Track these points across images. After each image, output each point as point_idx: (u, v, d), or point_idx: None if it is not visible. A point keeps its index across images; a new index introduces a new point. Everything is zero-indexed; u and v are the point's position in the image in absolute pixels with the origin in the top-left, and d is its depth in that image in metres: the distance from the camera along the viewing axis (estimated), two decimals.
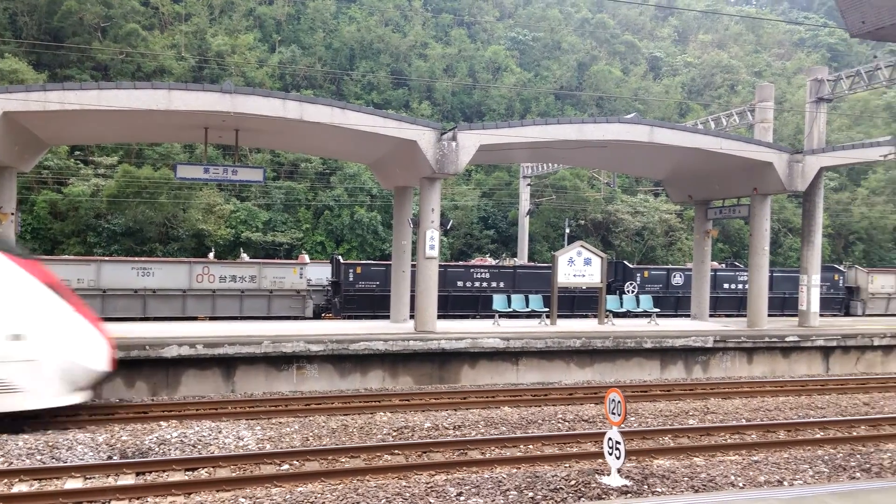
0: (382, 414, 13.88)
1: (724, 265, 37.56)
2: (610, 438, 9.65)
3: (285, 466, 10.50)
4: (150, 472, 10.15)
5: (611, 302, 24.42)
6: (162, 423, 12.75)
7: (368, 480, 9.88)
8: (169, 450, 11.15)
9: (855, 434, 13.20)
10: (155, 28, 51.76)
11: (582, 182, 49.85)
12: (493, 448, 11.69)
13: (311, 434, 12.24)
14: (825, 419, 14.25)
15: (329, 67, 55.77)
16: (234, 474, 10.11)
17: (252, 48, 53.89)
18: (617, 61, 68.33)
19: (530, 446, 11.91)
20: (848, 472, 10.48)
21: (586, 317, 27.04)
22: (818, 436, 13.07)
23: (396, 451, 11.25)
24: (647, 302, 25.27)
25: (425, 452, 11.32)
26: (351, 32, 58.86)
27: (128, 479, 9.88)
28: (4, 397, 11.84)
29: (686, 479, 9.86)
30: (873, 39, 7.14)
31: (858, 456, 11.34)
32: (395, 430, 12.60)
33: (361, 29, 59.41)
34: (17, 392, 12.00)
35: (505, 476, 9.79)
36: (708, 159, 23.09)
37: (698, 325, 24.03)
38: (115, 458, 10.79)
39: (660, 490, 9.36)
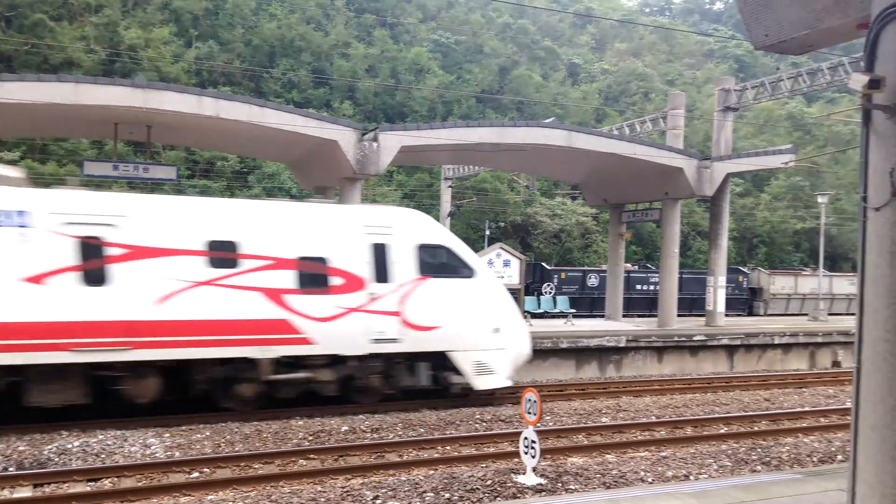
0: (298, 419, 13.64)
1: (636, 267, 38.75)
2: (526, 438, 9.77)
3: (195, 474, 10.16)
4: (50, 484, 9.64)
5: (529, 303, 24.83)
6: (63, 431, 12.14)
7: (282, 486, 9.67)
8: (70, 460, 10.62)
9: (756, 429, 13.81)
10: (64, 19, 49.37)
11: (502, 185, 50.51)
12: (410, 450, 11.65)
13: (223, 440, 11.90)
14: (729, 415, 14.86)
15: (248, 64, 54.57)
16: (140, 484, 9.72)
17: (167, 42, 52.15)
18: (537, 66, 69.60)
19: (448, 447, 11.93)
20: (750, 466, 10.95)
21: None
22: (723, 431, 13.61)
23: (312, 456, 11.07)
24: (563, 303, 25.82)
25: (341, 456, 11.19)
26: (271, 29, 57.78)
27: (25, 492, 9.35)
28: (486, 378, 15.07)
29: (598, 475, 10.08)
30: (776, 52, 7.48)
31: (759, 450, 11.87)
32: (311, 435, 12.40)
33: (282, 26, 58.41)
34: (493, 374, 15.11)
35: (422, 478, 9.77)
36: (623, 164, 23.78)
37: (612, 326, 24.70)
38: (10, 469, 10.19)
39: (573, 487, 9.53)
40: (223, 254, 13.39)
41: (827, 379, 20.21)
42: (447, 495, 9.10)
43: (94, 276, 12.47)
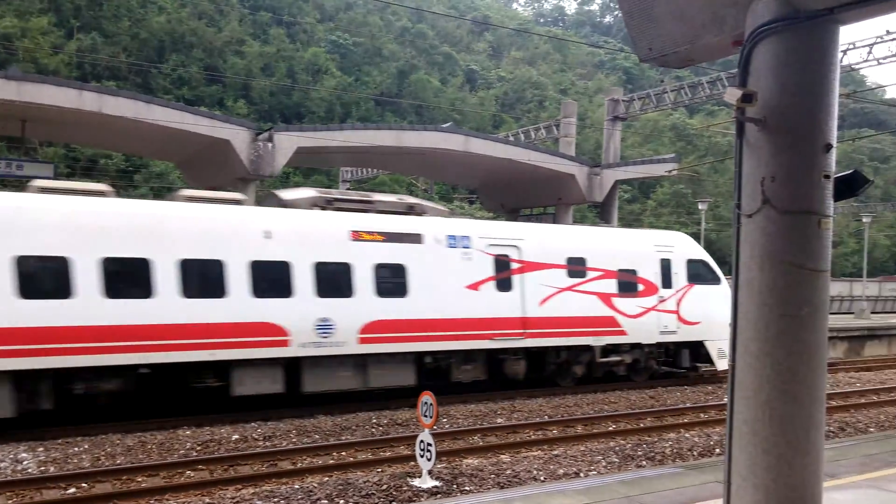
0: (186, 429, 13.10)
1: None
2: (422, 441, 9.77)
3: (72, 490, 9.56)
4: None
5: None
6: None
7: (168, 500, 9.26)
8: None
9: (642, 426, 14.39)
10: None
11: (401, 188, 50.58)
12: (304, 457, 11.42)
13: (103, 453, 11.27)
14: (617, 413, 15.42)
15: (135, 59, 52.12)
16: (10, 502, 9.05)
17: (45, 33, 49.06)
18: (436, 71, 70.17)
19: (343, 453, 11.78)
20: (636, 461, 11.40)
21: None
22: (611, 428, 14.08)
23: (200, 467, 10.66)
24: None
25: (232, 466, 10.83)
26: (160, 23, 55.46)
27: None
28: (722, 361, 18.66)
29: (493, 476, 10.21)
30: (659, 65, 7.83)
31: (645, 446, 12.37)
32: (199, 445, 11.94)
33: (172, 20, 56.19)
34: (725, 358, 16.42)
35: (316, 485, 9.59)
36: (518, 170, 24.32)
37: None
38: None
39: (468, 489, 9.61)
40: (576, 267, 17.73)
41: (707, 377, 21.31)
42: (342, 501, 8.98)
43: (504, 284, 16.58)
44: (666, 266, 19.06)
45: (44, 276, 12.42)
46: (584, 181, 24.73)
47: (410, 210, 16.94)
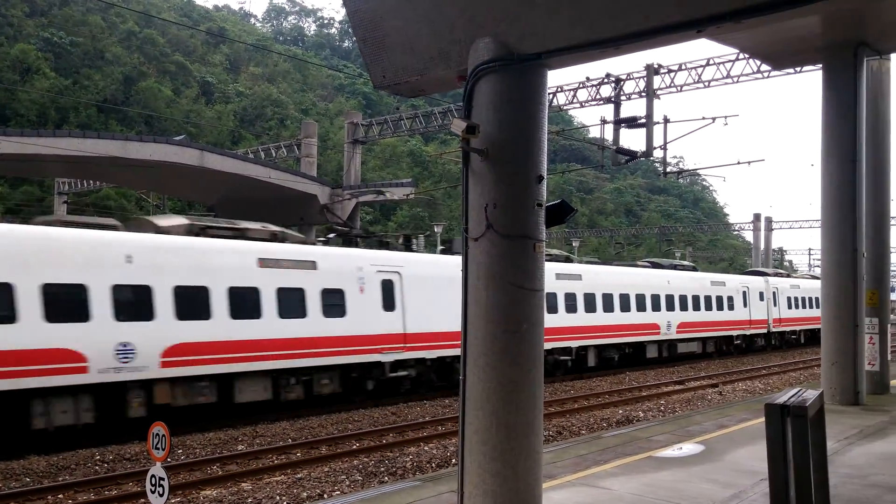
0: None
1: None
2: (153, 476, 9.04)
3: None
4: None
5: None
6: None
7: None
8: None
9: (385, 442, 14.74)
10: None
11: (129, 203, 46.76)
12: None
13: None
14: (361, 431, 15.64)
15: None
16: None
17: None
18: (167, 80, 66.13)
19: (61, 496, 10.54)
20: (378, 478, 11.63)
21: None
22: (355, 447, 14.23)
23: None
24: None
25: None
26: None
27: None
28: None
29: None
30: (393, 93, 8.19)
31: (387, 461, 12.68)
32: None
33: None
34: None
35: None
36: (259, 188, 23.77)
37: None
38: None
39: None
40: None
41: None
42: None
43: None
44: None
45: None
46: (325, 202, 24.90)
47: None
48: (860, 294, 13.88)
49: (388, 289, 19.09)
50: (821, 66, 14.50)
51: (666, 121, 16.66)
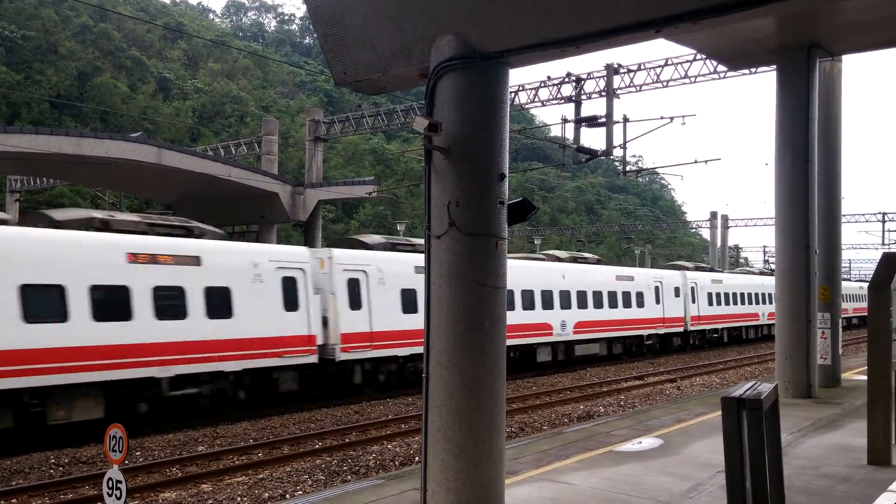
0: None
1: None
2: (110, 478, 8.86)
3: None
4: None
5: None
6: None
7: None
8: None
9: (347, 440, 14.68)
10: None
11: (84, 201, 45.72)
12: None
13: None
14: (323, 430, 15.54)
15: None
16: None
17: None
18: (123, 76, 64.77)
19: (14, 501, 10.27)
20: (341, 477, 11.58)
21: None
22: (318, 446, 14.14)
23: None
24: None
25: None
26: None
27: None
28: None
29: None
30: (355, 90, 8.16)
31: (350, 460, 12.63)
32: None
33: None
34: None
35: None
36: (219, 186, 23.43)
37: None
38: None
39: None
40: None
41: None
42: None
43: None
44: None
45: None
46: (287, 200, 24.65)
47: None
48: (813, 290, 14.24)
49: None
50: (775, 67, 14.84)
51: (625, 120, 16.81)
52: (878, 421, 8.43)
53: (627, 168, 22.60)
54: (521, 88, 27.37)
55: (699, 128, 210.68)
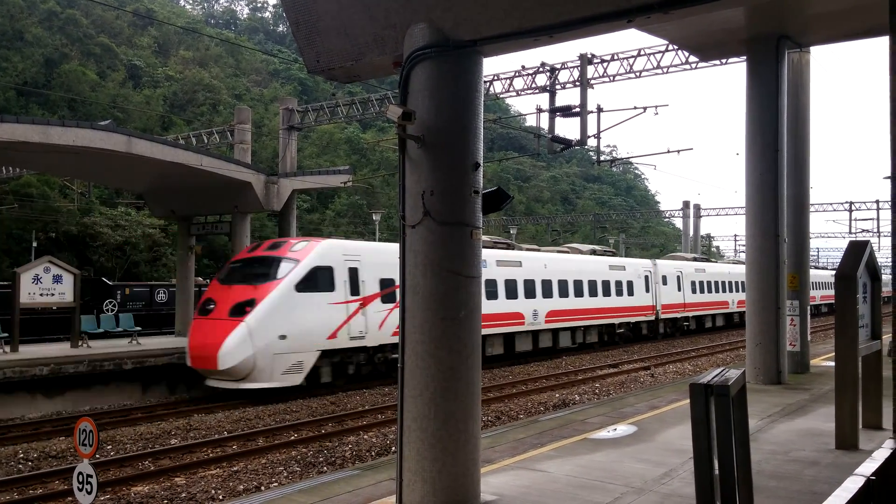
0: None
1: (209, 281, 37.95)
2: (80, 473, 8.76)
3: None
4: None
5: (86, 322, 22.40)
6: None
7: None
8: None
9: (324, 431, 14.65)
10: None
11: (52, 191, 44.90)
12: None
13: None
14: (299, 421, 15.49)
15: None
16: None
17: None
18: (92, 63, 63.57)
19: None
20: (317, 468, 11.57)
21: (59, 340, 24.20)
22: (293, 438, 14.09)
23: None
24: (127, 321, 23.96)
25: None
26: None
27: None
28: None
29: (166, 501, 9.60)
30: (327, 78, 8.07)
31: (326, 451, 12.62)
32: None
33: None
34: None
35: None
36: (191, 175, 23.10)
37: (183, 342, 23.74)
38: None
39: None
40: None
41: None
42: None
43: None
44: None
45: None
46: (261, 189, 24.39)
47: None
48: (782, 278, 14.46)
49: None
50: (745, 57, 14.99)
51: (599, 110, 16.93)
52: (845, 406, 8.60)
53: (602, 158, 22.69)
54: (496, 78, 27.33)
55: (672, 118, 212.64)
